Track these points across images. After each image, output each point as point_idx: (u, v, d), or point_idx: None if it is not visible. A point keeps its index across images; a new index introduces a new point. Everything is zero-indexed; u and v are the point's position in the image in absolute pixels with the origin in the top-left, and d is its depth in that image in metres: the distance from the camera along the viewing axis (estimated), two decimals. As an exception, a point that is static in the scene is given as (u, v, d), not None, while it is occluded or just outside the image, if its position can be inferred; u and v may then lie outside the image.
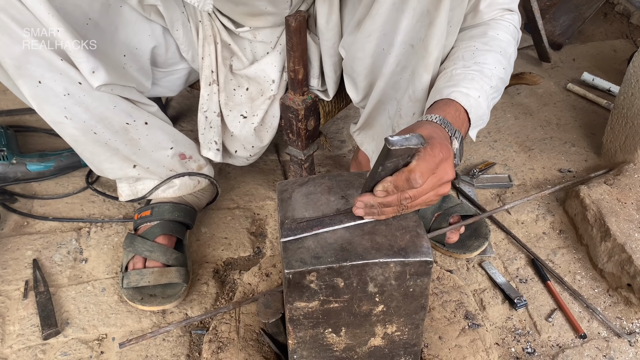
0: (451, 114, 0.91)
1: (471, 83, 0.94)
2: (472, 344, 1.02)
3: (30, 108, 1.60)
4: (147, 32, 1.15)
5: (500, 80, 1.00)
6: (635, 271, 1.16)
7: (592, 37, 2.28)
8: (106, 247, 1.33)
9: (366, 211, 0.79)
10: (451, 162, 0.80)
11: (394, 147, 0.70)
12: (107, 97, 1.06)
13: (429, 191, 0.79)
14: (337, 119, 1.79)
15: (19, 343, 1.12)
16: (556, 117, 1.78)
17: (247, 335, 1.04)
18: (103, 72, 1.01)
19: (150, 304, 1.17)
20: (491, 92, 0.98)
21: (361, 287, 0.79)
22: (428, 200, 0.80)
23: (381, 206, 0.79)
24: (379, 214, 0.80)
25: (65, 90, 1.01)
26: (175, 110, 1.79)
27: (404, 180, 0.76)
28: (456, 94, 0.93)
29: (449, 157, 0.79)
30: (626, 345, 1.11)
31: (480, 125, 1.00)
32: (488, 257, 1.31)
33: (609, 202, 1.31)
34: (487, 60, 0.98)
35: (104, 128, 1.09)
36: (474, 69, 0.97)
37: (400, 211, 0.80)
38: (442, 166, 0.78)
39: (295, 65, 1.15)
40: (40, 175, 1.50)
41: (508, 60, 1.03)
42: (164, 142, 1.21)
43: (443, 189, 0.80)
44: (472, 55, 0.99)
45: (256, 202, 1.48)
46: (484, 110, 0.97)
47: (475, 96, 0.94)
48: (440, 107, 0.92)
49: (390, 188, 0.77)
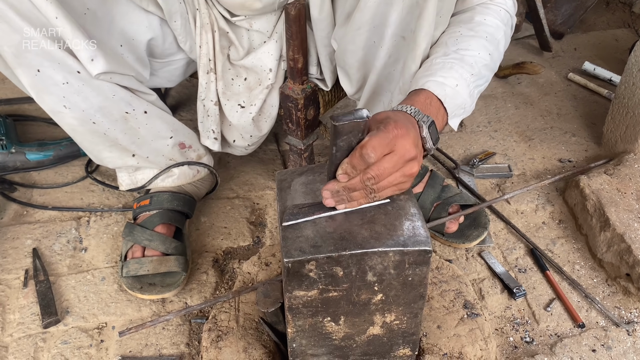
0: (420, 102, 0.90)
1: (449, 72, 0.93)
2: (470, 333, 1.02)
3: (29, 97, 1.60)
4: (144, 23, 1.14)
5: (485, 67, 0.98)
6: (634, 261, 1.17)
7: (594, 26, 2.26)
8: (106, 237, 1.33)
9: (335, 199, 0.79)
10: (410, 140, 0.77)
11: (339, 122, 0.71)
12: (106, 86, 1.06)
13: (393, 171, 0.77)
14: (337, 108, 1.79)
15: (19, 331, 1.13)
16: (557, 107, 1.78)
17: (247, 324, 1.04)
18: (102, 60, 1.01)
19: (149, 292, 1.18)
20: (473, 80, 0.96)
21: (360, 276, 0.80)
22: (396, 182, 0.79)
23: (347, 191, 0.78)
24: (349, 199, 0.79)
25: (64, 79, 1.01)
26: (174, 99, 1.78)
27: (358, 157, 0.75)
28: (430, 84, 0.92)
29: (407, 134, 0.77)
30: (624, 335, 1.12)
31: (461, 114, 0.98)
32: (487, 246, 1.31)
33: (609, 192, 1.31)
34: (471, 47, 0.97)
35: (102, 117, 1.09)
36: (454, 56, 0.96)
37: (370, 196, 0.79)
38: (400, 143, 0.76)
39: (295, 54, 1.15)
40: (40, 164, 1.49)
41: (495, 45, 1.01)
42: (164, 131, 1.20)
43: (409, 168, 0.78)
44: (455, 42, 0.98)
45: (256, 191, 1.48)
46: (464, 99, 0.95)
47: (452, 85, 0.93)
48: (411, 97, 0.92)
49: (349, 169, 0.76)
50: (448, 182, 1.38)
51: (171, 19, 1.16)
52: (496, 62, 1.02)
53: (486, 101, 1.81)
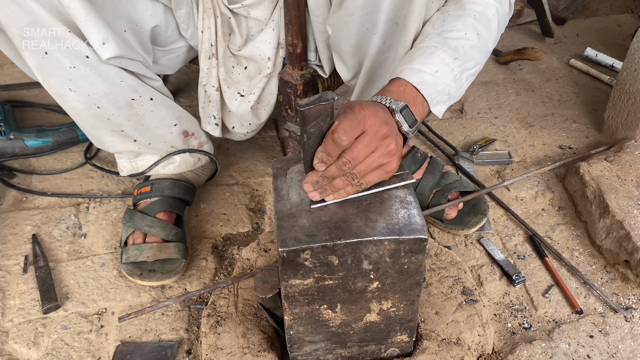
0: (393, 91, 0.89)
1: (429, 58, 0.92)
2: (468, 319, 1.03)
3: (28, 83, 1.58)
4: (149, 11, 1.14)
5: (473, 48, 0.96)
6: (633, 247, 1.17)
7: (597, 11, 2.24)
8: (105, 223, 1.33)
9: (318, 191, 0.79)
10: (379, 118, 0.77)
11: (305, 107, 0.71)
12: (114, 72, 1.05)
13: (369, 151, 0.76)
14: (337, 95, 1.78)
15: (19, 317, 1.13)
16: (558, 93, 1.77)
17: (246, 310, 1.05)
18: (113, 43, 1.00)
19: (149, 279, 1.18)
20: (458, 65, 0.94)
21: (356, 264, 0.80)
22: (376, 163, 0.78)
23: (327, 180, 0.77)
24: (333, 190, 0.79)
25: (72, 63, 1.00)
26: (173, 85, 1.77)
27: (331, 143, 0.74)
28: (406, 72, 0.91)
29: (375, 113, 0.76)
30: (622, 321, 1.12)
31: (445, 100, 0.95)
32: (486, 233, 1.31)
33: (609, 178, 1.30)
34: (456, 27, 0.95)
35: (108, 103, 1.08)
36: (437, 40, 0.94)
37: (355, 182, 0.78)
38: (370, 121, 0.75)
39: (294, 39, 1.14)
40: (39, 150, 1.49)
41: (486, 24, 0.97)
42: (168, 118, 1.20)
43: (385, 147, 0.77)
44: (441, 23, 0.96)
45: (255, 178, 1.48)
46: (447, 84, 0.93)
47: (431, 71, 0.91)
48: (384, 87, 0.91)
49: (324, 157, 0.76)
50: (448, 168, 1.38)
51: (177, 6, 1.15)
52: (487, 43, 0.99)
53: (487, 87, 1.80)
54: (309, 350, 0.93)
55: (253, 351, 0.97)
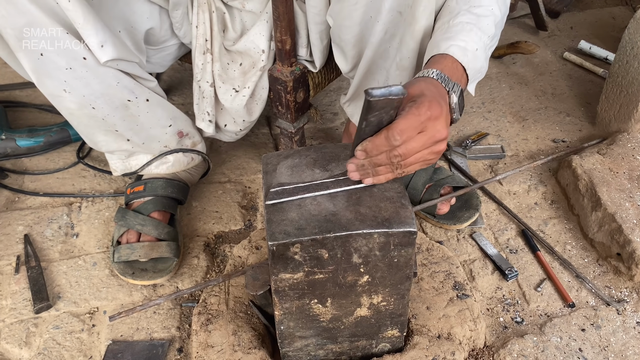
0: (448, 67, 0.88)
1: (469, 35, 0.91)
2: (460, 314, 1.03)
3: (20, 83, 1.58)
4: (145, 14, 1.14)
5: (497, 26, 0.96)
6: (624, 240, 1.16)
7: (591, 4, 2.23)
8: (97, 222, 1.33)
9: (360, 173, 0.79)
10: (442, 120, 0.77)
11: (374, 98, 0.70)
12: (111, 74, 1.05)
13: (421, 149, 0.77)
14: (330, 91, 1.78)
15: (11, 317, 1.13)
16: (552, 87, 1.76)
17: (237, 307, 1.04)
18: (111, 46, 1.00)
19: (141, 278, 1.18)
20: (488, 42, 0.95)
21: (345, 258, 0.80)
22: (423, 158, 0.79)
23: (372, 165, 0.78)
24: (374, 174, 0.79)
25: (68, 65, 1.00)
26: (166, 83, 1.77)
27: (383, 138, 0.74)
28: (453, 49, 0.89)
29: (439, 116, 0.77)
30: (614, 314, 1.12)
31: (478, 77, 0.97)
32: (479, 228, 1.31)
33: (601, 171, 1.30)
34: (483, 3, 0.94)
35: (104, 104, 1.08)
36: (469, 17, 0.93)
37: (396, 171, 0.79)
38: (432, 124, 0.76)
39: (282, 35, 1.13)
40: (30, 150, 1.49)
41: (503, 0, 0.98)
42: (163, 119, 1.20)
43: (437, 147, 0.79)
44: (466, 0, 0.95)
45: (247, 175, 1.47)
46: (482, 63, 0.94)
47: (473, 49, 0.91)
48: (438, 60, 0.89)
49: (369, 147, 0.76)
50: (440, 164, 1.38)
51: (174, 8, 1.15)
52: (504, 19, 1.00)
53: (480, 81, 1.77)
54: (300, 345, 0.93)
55: (244, 348, 0.96)
